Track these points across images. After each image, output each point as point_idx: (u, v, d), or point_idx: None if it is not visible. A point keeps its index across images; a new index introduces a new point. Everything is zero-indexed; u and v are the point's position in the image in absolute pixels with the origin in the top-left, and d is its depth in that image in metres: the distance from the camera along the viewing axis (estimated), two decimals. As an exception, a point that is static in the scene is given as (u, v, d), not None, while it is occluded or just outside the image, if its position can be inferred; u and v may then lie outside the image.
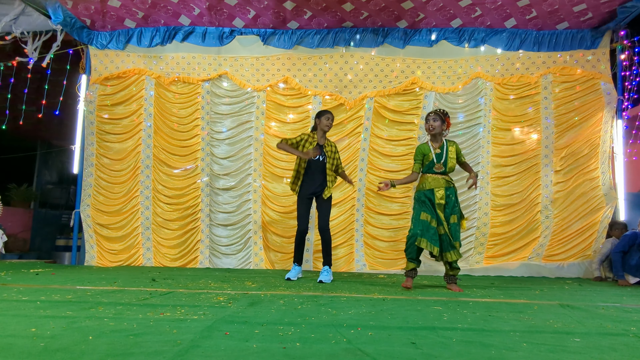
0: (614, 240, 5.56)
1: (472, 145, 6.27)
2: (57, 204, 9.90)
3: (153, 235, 6.41)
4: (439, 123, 4.15)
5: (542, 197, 6.10)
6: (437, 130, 4.16)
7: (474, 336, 2.08)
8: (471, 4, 5.88)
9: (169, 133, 6.53)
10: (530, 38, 6.23)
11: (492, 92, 6.28)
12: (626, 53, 6.07)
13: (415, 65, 6.37)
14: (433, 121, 4.16)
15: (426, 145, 4.23)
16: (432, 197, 4.08)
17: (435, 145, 4.19)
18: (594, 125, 6.11)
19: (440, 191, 4.07)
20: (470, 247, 6.11)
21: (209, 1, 5.99)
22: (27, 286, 3.68)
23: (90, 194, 6.46)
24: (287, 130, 6.46)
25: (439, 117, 4.17)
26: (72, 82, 6.65)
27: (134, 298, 3.04)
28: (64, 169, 9.98)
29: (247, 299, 3.11)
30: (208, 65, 6.51)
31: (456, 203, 4.12)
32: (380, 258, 6.19)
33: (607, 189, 5.98)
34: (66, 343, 1.80)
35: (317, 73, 6.42)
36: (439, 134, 4.19)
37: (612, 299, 3.69)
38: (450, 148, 4.17)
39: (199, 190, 6.46)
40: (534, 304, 3.24)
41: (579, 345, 1.95)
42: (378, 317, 2.52)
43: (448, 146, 4.18)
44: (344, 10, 6.03)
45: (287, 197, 6.37)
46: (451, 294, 3.70)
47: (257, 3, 5.96)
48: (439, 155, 4.14)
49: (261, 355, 1.68)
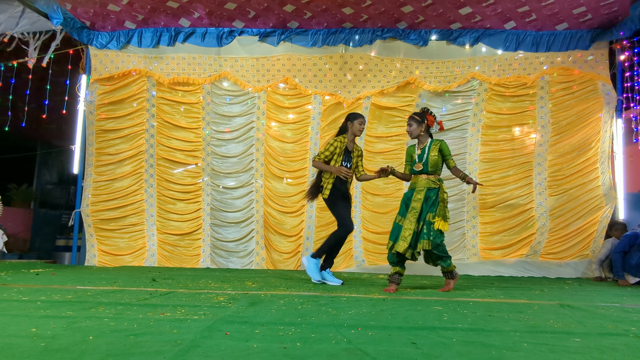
0: (614, 241, 5.57)
1: (461, 144, 6.32)
2: (57, 204, 9.89)
3: (157, 234, 6.41)
4: (414, 127, 4.10)
5: (536, 195, 6.12)
6: (415, 133, 4.11)
7: (474, 336, 2.08)
8: (471, 12, 5.90)
9: (170, 133, 6.53)
10: (529, 38, 6.24)
11: (485, 92, 6.29)
12: (626, 54, 6.07)
13: (414, 66, 6.37)
14: (408, 126, 4.15)
15: (412, 146, 4.22)
16: (410, 196, 4.03)
17: (419, 145, 4.16)
18: (592, 125, 6.12)
19: (421, 192, 3.98)
20: (463, 240, 6.18)
21: (209, 7, 6.00)
22: (27, 286, 3.68)
23: (90, 193, 6.46)
24: (287, 130, 6.47)
25: (414, 120, 4.11)
26: (72, 82, 6.65)
27: (134, 298, 3.04)
28: (64, 169, 9.96)
29: (248, 299, 3.11)
30: (208, 66, 6.51)
31: (435, 203, 3.93)
32: (379, 253, 6.19)
33: (607, 189, 5.99)
34: (66, 343, 1.80)
35: (317, 73, 6.43)
36: (419, 135, 4.13)
37: (612, 299, 3.69)
38: (432, 147, 4.06)
39: (200, 189, 6.46)
40: (534, 304, 3.24)
41: (579, 345, 1.95)
42: (378, 317, 2.52)
43: (431, 145, 4.08)
44: (344, 13, 6.05)
45: (289, 197, 6.37)
46: (451, 294, 3.70)
47: (256, 5, 5.97)
48: (420, 155, 4.09)
49: (261, 355, 1.68)
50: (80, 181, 6.52)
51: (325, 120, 6.41)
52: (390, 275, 4.00)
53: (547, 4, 5.65)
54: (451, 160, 4.10)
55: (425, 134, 4.13)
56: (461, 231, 6.21)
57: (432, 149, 4.05)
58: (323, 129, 6.40)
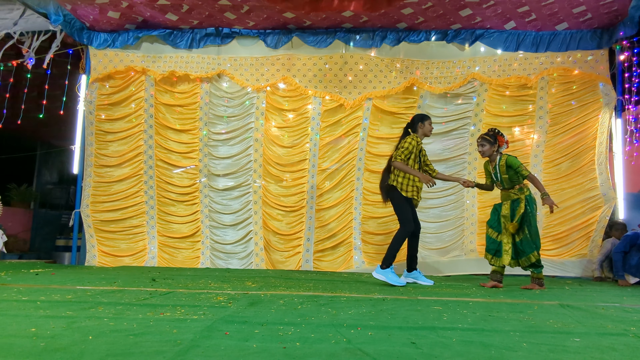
0: (614, 241, 5.57)
1: (462, 144, 6.32)
2: (57, 204, 9.89)
3: (157, 235, 6.42)
4: (487, 147, 4.43)
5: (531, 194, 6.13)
6: (487, 154, 4.47)
7: (474, 336, 2.08)
8: (472, 14, 5.90)
9: (169, 133, 6.53)
10: (529, 39, 6.23)
11: (486, 92, 6.29)
12: (625, 54, 6.07)
13: (414, 67, 6.37)
14: (481, 146, 4.49)
15: (487, 162, 4.57)
16: (499, 209, 4.46)
17: (491, 163, 4.51)
18: (591, 125, 6.11)
19: (506, 205, 4.40)
20: (461, 237, 6.21)
21: (209, 11, 6.00)
22: (27, 286, 3.68)
23: (89, 194, 6.46)
24: (286, 130, 6.46)
25: (486, 141, 4.43)
26: (72, 82, 6.65)
27: (134, 298, 3.04)
28: (64, 169, 9.95)
29: (247, 299, 3.11)
30: (207, 65, 6.50)
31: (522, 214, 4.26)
32: (379, 254, 6.19)
33: (606, 189, 5.99)
34: (66, 343, 1.79)
35: (317, 73, 6.42)
36: (491, 155, 4.46)
37: (612, 299, 3.69)
38: (501, 163, 4.38)
39: (198, 190, 6.46)
40: (534, 304, 3.24)
41: (579, 345, 1.95)
42: (378, 317, 2.52)
43: (499, 162, 4.39)
44: (344, 17, 6.05)
45: (288, 197, 6.37)
46: (451, 294, 3.71)
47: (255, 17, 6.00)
48: (494, 174, 4.47)
49: (261, 355, 1.68)
50: (80, 181, 6.51)
51: (326, 122, 6.40)
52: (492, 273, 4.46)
53: (547, 4, 5.65)
54: (523, 170, 4.32)
55: (496, 153, 4.45)
56: (460, 229, 6.21)
57: (501, 167, 4.36)
58: (323, 130, 6.40)
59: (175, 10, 6.05)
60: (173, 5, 5.88)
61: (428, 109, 6.31)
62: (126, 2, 5.84)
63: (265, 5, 5.70)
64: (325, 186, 6.36)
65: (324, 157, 6.39)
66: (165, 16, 6.19)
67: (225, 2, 5.74)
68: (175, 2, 5.80)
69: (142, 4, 5.89)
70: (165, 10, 6.06)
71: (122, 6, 5.94)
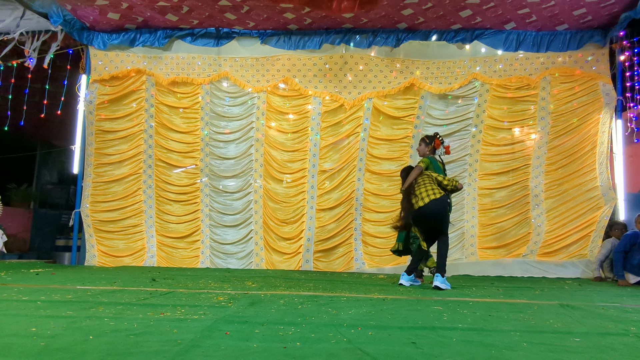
0: (614, 241, 5.56)
1: (463, 144, 6.32)
2: (57, 204, 9.89)
3: (156, 235, 6.41)
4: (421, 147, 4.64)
5: (532, 197, 6.12)
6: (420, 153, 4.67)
7: (474, 336, 2.08)
8: (471, 15, 5.90)
9: (169, 133, 6.53)
10: (529, 39, 6.23)
11: (487, 93, 6.28)
12: (626, 54, 6.07)
13: (414, 66, 6.37)
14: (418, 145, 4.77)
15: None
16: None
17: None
18: (591, 125, 6.11)
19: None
20: (462, 240, 6.20)
21: (209, 12, 6.00)
22: (27, 286, 3.68)
23: (89, 193, 6.46)
24: (287, 130, 6.46)
25: (422, 141, 4.64)
26: (72, 82, 6.64)
27: (134, 298, 3.04)
28: (64, 169, 9.96)
29: (247, 298, 3.11)
30: (208, 66, 6.50)
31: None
32: (378, 255, 6.19)
33: (606, 189, 5.98)
34: (66, 343, 1.79)
35: (317, 74, 6.42)
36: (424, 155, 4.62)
37: (612, 299, 3.69)
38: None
39: (199, 190, 6.46)
40: (534, 304, 3.24)
41: (579, 345, 1.95)
42: (378, 316, 2.52)
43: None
44: (344, 17, 6.05)
45: (289, 198, 6.37)
46: (451, 294, 3.70)
47: (256, 16, 6.00)
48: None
49: (261, 355, 1.68)
50: (80, 181, 6.52)
51: (326, 122, 6.41)
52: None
53: (548, 6, 5.65)
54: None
55: (430, 154, 4.59)
56: (460, 231, 6.21)
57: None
58: (324, 130, 6.40)
59: (175, 11, 6.05)
60: (173, 6, 5.89)
61: (429, 110, 6.31)
62: (126, 3, 5.84)
63: (266, 4, 5.70)
64: (325, 186, 6.36)
65: (325, 158, 6.39)
66: (165, 17, 6.19)
67: (225, 2, 5.74)
68: (175, 3, 5.80)
69: (142, 5, 5.88)
70: (165, 11, 6.06)
71: (122, 7, 5.94)
